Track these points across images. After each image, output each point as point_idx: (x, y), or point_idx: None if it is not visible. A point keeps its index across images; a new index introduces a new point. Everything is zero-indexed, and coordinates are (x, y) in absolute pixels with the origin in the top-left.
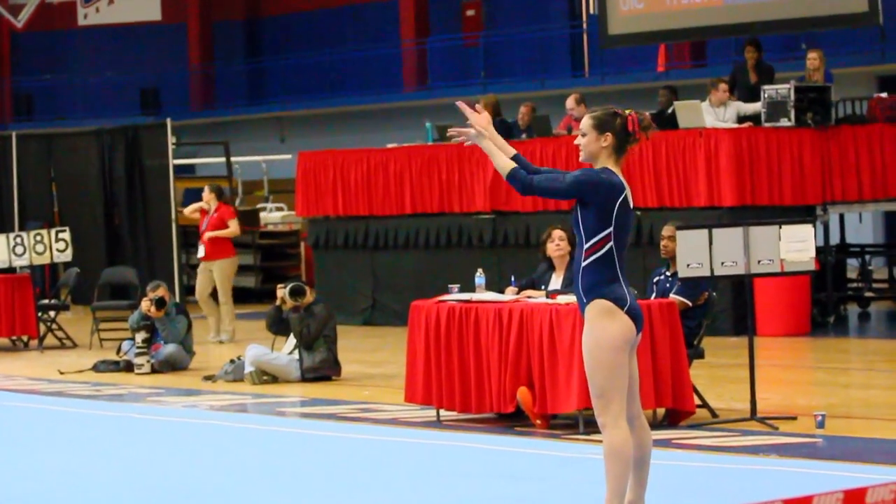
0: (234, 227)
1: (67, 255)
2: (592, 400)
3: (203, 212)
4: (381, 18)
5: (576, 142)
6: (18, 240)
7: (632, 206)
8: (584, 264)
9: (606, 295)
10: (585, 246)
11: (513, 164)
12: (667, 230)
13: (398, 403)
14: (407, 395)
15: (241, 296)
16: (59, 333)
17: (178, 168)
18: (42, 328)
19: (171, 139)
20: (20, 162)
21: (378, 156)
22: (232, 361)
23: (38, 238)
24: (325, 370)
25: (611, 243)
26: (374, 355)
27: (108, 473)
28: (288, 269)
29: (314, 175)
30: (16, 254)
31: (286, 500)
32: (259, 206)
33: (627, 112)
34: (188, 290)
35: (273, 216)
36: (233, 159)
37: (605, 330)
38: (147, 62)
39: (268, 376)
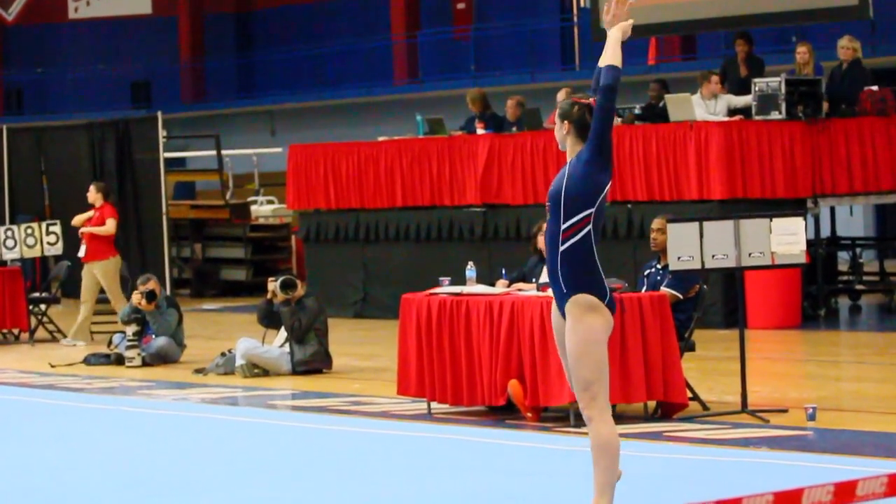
0: (109, 226)
1: (58, 249)
2: (577, 394)
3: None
4: (371, 12)
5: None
6: (9, 233)
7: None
8: (562, 248)
9: (589, 289)
10: (564, 225)
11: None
12: (656, 223)
13: (389, 396)
14: (399, 387)
15: (231, 289)
16: (50, 326)
17: (168, 161)
18: (33, 321)
19: (161, 132)
20: (11, 155)
21: (369, 149)
22: (223, 354)
23: (29, 231)
24: (316, 363)
25: (590, 226)
26: (365, 348)
27: (99, 466)
28: (279, 263)
29: (305, 168)
30: (6, 247)
31: (277, 493)
32: (250, 199)
33: (585, 100)
34: (179, 283)
35: (264, 209)
36: (223, 152)
37: (589, 325)
38: (138, 55)
39: (259, 369)
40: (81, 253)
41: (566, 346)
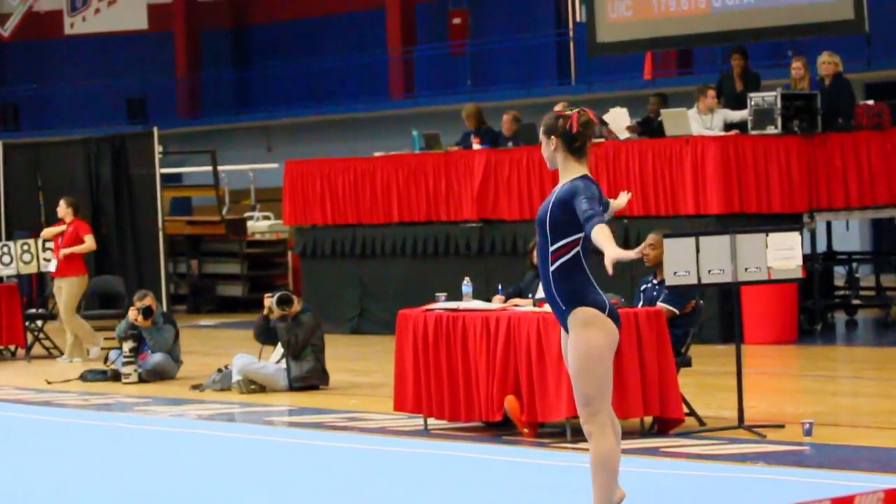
0: (89, 242)
1: (54, 265)
2: (579, 408)
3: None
4: (367, 27)
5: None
6: (5, 249)
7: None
8: (552, 269)
9: (587, 301)
10: (553, 248)
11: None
12: (650, 238)
13: (386, 412)
14: (396, 403)
15: (228, 305)
16: (47, 343)
17: (164, 177)
18: (29, 337)
19: (157, 148)
20: (7, 171)
21: (365, 164)
22: (219, 370)
23: (26, 247)
24: (312, 379)
25: (578, 247)
26: (361, 364)
27: (96, 483)
28: (275, 278)
29: (301, 184)
30: (3, 263)
31: None
32: (246, 214)
33: (570, 111)
34: (175, 299)
35: (260, 225)
36: (220, 168)
37: (592, 339)
38: (134, 71)
39: (255, 385)
40: (52, 268)
41: (568, 361)
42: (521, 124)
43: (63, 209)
